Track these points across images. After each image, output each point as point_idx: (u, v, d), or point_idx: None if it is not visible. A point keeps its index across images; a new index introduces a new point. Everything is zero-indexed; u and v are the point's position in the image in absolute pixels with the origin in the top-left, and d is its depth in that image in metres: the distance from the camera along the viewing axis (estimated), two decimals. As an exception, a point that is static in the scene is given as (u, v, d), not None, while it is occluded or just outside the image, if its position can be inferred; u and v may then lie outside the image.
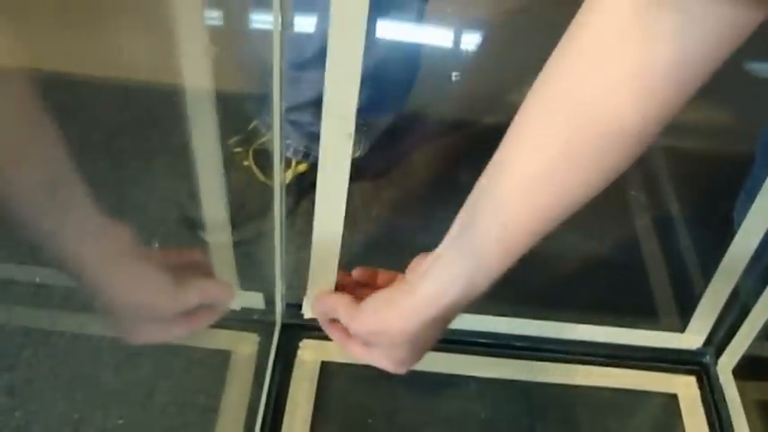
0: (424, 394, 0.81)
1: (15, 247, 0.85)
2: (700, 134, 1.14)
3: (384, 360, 0.65)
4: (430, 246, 0.97)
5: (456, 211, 0.61)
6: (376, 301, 0.62)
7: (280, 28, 0.60)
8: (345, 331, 0.68)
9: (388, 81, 0.92)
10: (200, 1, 0.58)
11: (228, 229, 0.75)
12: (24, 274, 0.84)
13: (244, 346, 0.82)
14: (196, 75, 0.62)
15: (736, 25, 0.43)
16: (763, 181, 0.71)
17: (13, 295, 0.84)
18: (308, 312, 0.83)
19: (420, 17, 0.89)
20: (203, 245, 0.91)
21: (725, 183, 0.89)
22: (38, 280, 0.84)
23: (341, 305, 0.66)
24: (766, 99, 0.95)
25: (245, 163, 0.93)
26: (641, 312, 0.92)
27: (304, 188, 0.72)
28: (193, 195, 0.91)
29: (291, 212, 0.87)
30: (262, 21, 0.62)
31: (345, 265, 0.85)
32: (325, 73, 0.61)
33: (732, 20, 0.43)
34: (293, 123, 0.84)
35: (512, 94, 0.99)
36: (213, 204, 0.73)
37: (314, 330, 0.84)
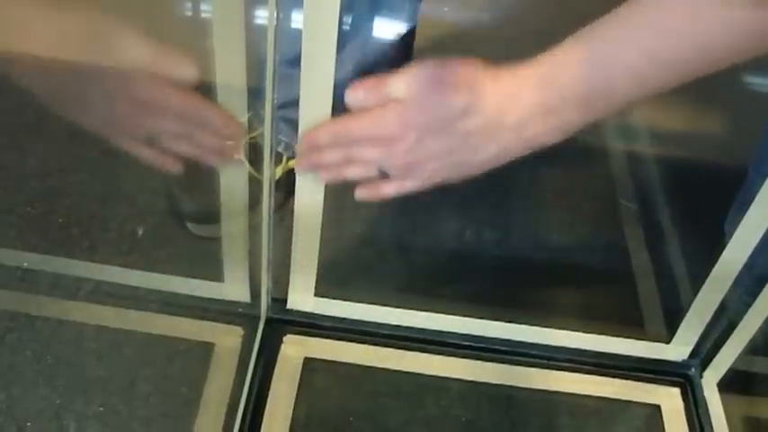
0: (406, 395, 0.81)
1: (4, 232, 0.86)
2: (693, 145, 1.14)
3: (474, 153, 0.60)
4: (416, 244, 0.97)
5: (443, 213, 0.61)
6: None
7: (275, 22, 0.60)
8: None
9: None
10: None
11: (246, 219, 0.76)
12: (12, 259, 0.84)
13: (227, 338, 0.82)
14: (231, 70, 0.64)
15: None
16: (756, 194, 0.70)
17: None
18: (294, 304, 0.84)
19: (411, 20, 0.89)
20: (191, 237, 0.92)
21: (717, 194, 0.89)
22: (25, 265, 0.84)
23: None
24: (761, 112, 0.95)
25: (236, 156, 0.93)
26: (628, 321, 0.92)
27: (294, 184, 0.73)
28: (184, 187, 0.92)
29: (281, 207, 0.87)
30: (256, 15, 0.62)
31: (331, 263, 0.86)
32: (300, 96, 0.64)
33: None
34: (286, 119, 0.84)
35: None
36: (231, 195, 0.74)
37: (299, 326, 0.84)
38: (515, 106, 0.57)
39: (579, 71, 0.56)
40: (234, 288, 0.83)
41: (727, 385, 0.85)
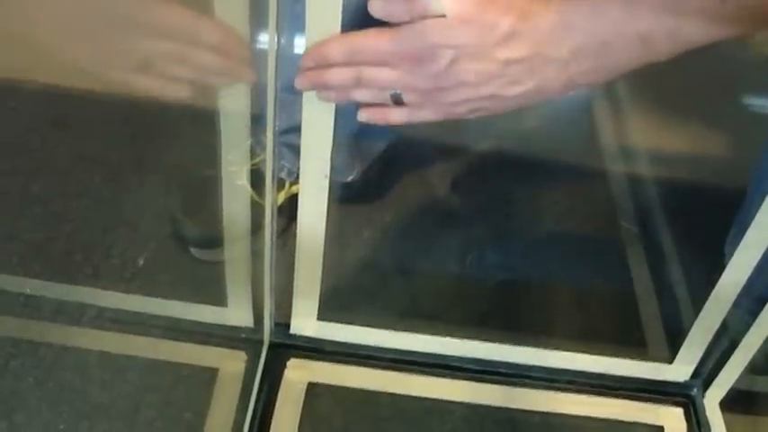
0: (410, 419, 0.81)
1: (7, 258, 0.86)
2: (693, 166, 1.14)
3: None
4: (419, 268, 0.97)
5: (445, 237, 0.61)
6: None
7: (276, 48, 0.61)
8: None
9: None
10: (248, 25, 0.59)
11: (248, 244, 0.76)
12: (14, 285, 0.84)
13: (231, 363, 0.82)
14: (234, 96, 0.64)
15: None
16: (755, 215, 0.71)
17: (2, 305, 0.84)
18: (297, 328, 0.84)
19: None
20: (194, 262, 0.92)
21: (717, 215, 0.90)
22: (28, 291, 0.84)
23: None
24: (759, 133, 0.95)
25: (239, 182, 0.93)
26: (630, 342, 0.92)
27: (296, 209, 0.73)
28: (187, 212, 0.92)
29: (283, 233, 0.87)
30: (258, 40, 0.62)
31: (333, 287, 0.86)
32: (302, 124, 0.63)
33: None
34: (288, 145, 0.84)
35: (506, 120, 0.99)
36: (234, 220, 0.75)
37: (302, 350, 0.84)
38: (567, 38, 0.52)
39: (646, 5, 0.50)
40: (237, 313, 0.83)
41: (730, 405, 0.85)
